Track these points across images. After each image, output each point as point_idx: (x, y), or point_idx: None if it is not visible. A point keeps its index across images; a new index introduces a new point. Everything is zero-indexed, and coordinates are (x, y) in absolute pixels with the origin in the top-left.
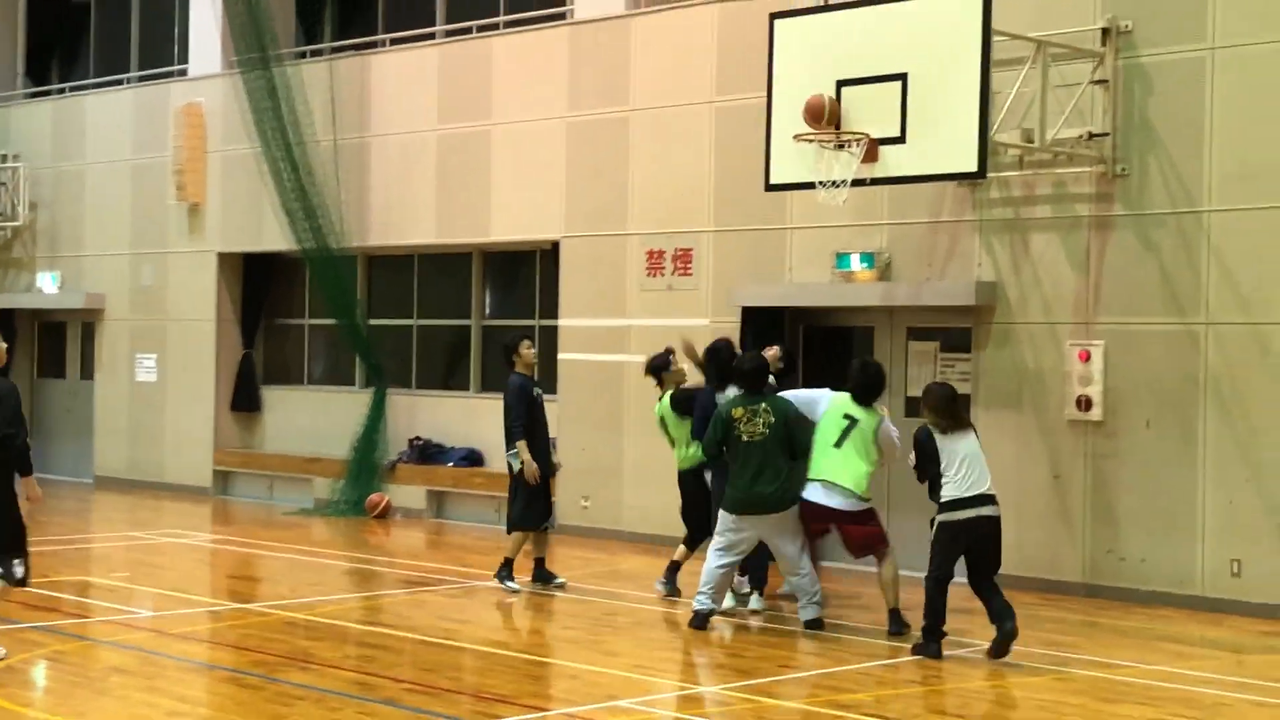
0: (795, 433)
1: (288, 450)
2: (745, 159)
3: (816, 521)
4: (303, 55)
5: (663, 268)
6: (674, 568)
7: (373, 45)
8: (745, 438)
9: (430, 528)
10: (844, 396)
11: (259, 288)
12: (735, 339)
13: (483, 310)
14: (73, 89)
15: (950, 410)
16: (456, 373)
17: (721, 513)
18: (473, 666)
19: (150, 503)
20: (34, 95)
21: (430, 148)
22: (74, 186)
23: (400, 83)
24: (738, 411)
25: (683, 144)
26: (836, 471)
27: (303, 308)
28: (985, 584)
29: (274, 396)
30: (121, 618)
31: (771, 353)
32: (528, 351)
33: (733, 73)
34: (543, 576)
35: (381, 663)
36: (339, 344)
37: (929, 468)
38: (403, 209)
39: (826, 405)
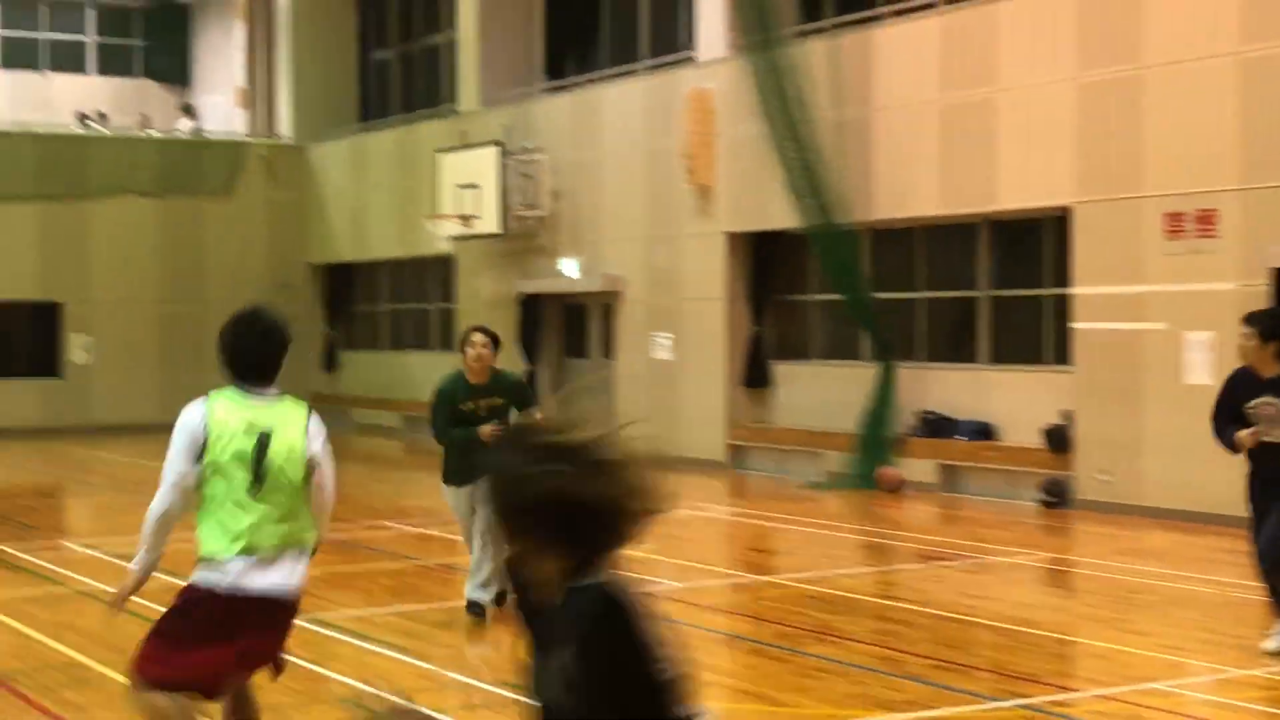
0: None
1: (798, 424)
2: (1275, 111)
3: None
4: (804, 34)
5: (1183, 230)
6: None
7: (873, 19)
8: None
9: (942, 502)
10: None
11: (765, 265)
12: (1263, 302)
13: (990, 280)
14: (588, 81)
15: None
16: (963, 345)
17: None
18: (993, 643)
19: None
20: (553, 89)
21: (933, 118)
22: (591, 175)
23: (902, 55)
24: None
25: (1203, 100)
26: None
27: (808, 284)
28: None
29: (783, 372)
30: (648, 589)
31: None
32: None
33: (1259, 18)
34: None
35: (902, 638)
36: (844, 319)
37: None
38: (905, 181)
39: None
